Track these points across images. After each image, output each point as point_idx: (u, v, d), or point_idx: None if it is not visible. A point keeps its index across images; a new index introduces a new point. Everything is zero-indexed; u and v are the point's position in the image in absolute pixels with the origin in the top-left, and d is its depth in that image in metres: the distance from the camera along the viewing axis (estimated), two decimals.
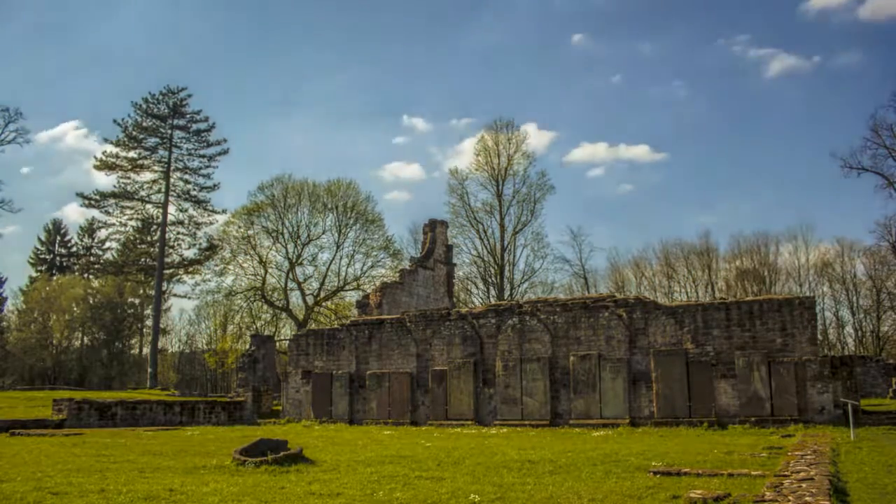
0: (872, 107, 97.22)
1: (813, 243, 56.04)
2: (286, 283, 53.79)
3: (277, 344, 45.59)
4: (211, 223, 54.96)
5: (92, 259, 70.92)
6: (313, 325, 49.88)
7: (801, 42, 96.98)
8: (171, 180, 53.28)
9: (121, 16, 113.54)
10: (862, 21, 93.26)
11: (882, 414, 21.77)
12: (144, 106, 53.17)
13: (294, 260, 53.43)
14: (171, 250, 54.23)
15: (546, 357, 25.39)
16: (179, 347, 72.24)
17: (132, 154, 53.05)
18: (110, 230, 56.32)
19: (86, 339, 63.92)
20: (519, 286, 56.21)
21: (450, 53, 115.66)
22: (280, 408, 31.72)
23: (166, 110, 53.46)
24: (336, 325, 34.53)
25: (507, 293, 54.55)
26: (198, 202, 54.11)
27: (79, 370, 59.80)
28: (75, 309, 62.21)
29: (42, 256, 72.11)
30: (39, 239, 72.74)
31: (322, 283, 54.14)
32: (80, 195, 52.75)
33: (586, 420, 23.93)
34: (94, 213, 64.69)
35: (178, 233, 54.36)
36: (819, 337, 28.83)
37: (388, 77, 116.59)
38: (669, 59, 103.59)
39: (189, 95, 53.97)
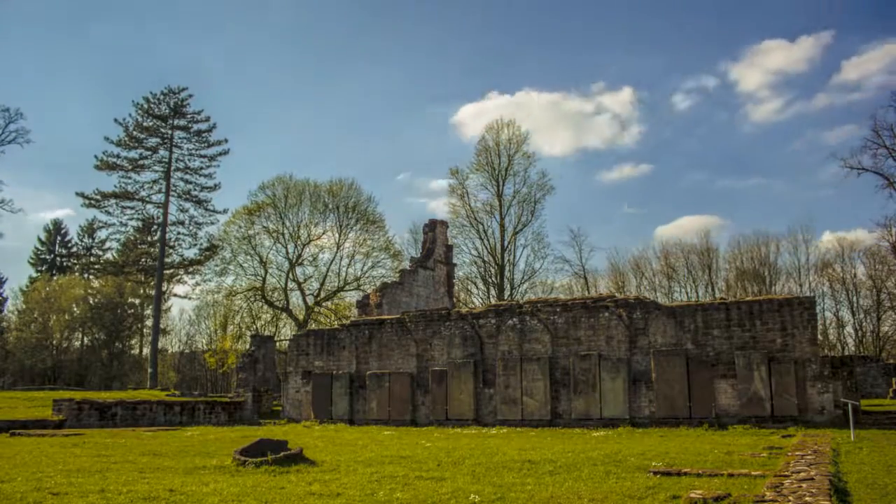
0: (872, 107, 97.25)
1: (813, 243, 56.06)
2: (286, 284, 53.85)
3: (277, 344, 45.60)
4: (212, 223, 55.03)
5: (92, 259, 70.94)
6: (313, 326, 49.89)
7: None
8: (172, 180, 53.30)
9: (121, 15, 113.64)
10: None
11: (882, 414, 21.80)
12: (145, 106, 53.18)
13: (294, 260, 53.47)
14: (171, 250, 54.24)
15: (546, 357, 25.40)
16: (179, 347, 72.22)
17: (133, 154, 53.14)
18: (111, 230, 56.33)
19: (86, 339, 63.91)
20: (519, 286, 56.23)
21: (458, 51, 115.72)
22: (280, 408, 31.73)
23: (167, 110, 53.47)
24: (336, 326, 34.54)
25: (507, 293, 54.54)
26: (198, 202, 54.12)
27: (79, 370, 59.79)
28: (75, 309, 62.20)
29: (42, 256, 72.14)
30: (39, 239, 72.86)
31: (322, 284, 54.18)
32: (81, 195, 52.73)
33: (586, 420, 23.94)
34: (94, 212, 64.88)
35: (179, 233, 54.40)
36: (819, 337, 28.82)
37: (388, 78, 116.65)
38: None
39: (190, 95, 54.03)
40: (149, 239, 59.48)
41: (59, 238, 73.22)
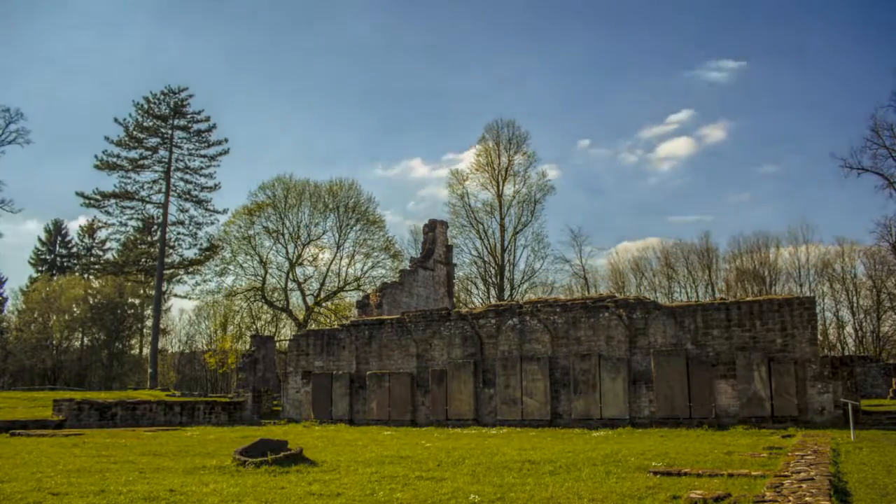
0: (872, 107, 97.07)
1: (813, 243, 56.02)
2: (286, 284, 53.83)
3: (277, 344, 45.58)
4: (211, 223, 54.99)
5: (92, 259, 70.94)
6: (313, 326, 49.88)
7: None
8: (172, 180, 53.28)
9: (121, 15, 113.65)
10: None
11: (882, 414, 21.78)
12: (146, 106, 53.16)
13: (294, 260, 53.44)
14: (171, 250, 54.22)
15: (546, 357, 25.40)
16: (179, 348, 72.22)
17: (133, 154, 53.13)
18: (111, 230, 56.30)
19: (86, 339, 63.92)
20: (519, 286, 56.23)
21: (459, 54, 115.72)
22: (280, 408, 31.72)
23: (167, 110, 53.44)
24: (336, 326, 34.53)
25: (507, 293, 54.54)
26: (198, 202, 54.09)
27: (79, 370, 59.80)
28: (75, 309, 62.20)
29: (42, 257, 72.15)
30: (40, 239, 72.88)
31: (322, 284, 54.16)
32: (81, 195, 52.69)
33: (586, 420, 23.93)
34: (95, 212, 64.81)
35: (179, 233, 54.36)
36: (819, 337, 28.83)
37: (390, 80, 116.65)
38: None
39: (190, 96, 53.97)
40: (149, 239, 59.44)
41: (59, 238, 73.24)
